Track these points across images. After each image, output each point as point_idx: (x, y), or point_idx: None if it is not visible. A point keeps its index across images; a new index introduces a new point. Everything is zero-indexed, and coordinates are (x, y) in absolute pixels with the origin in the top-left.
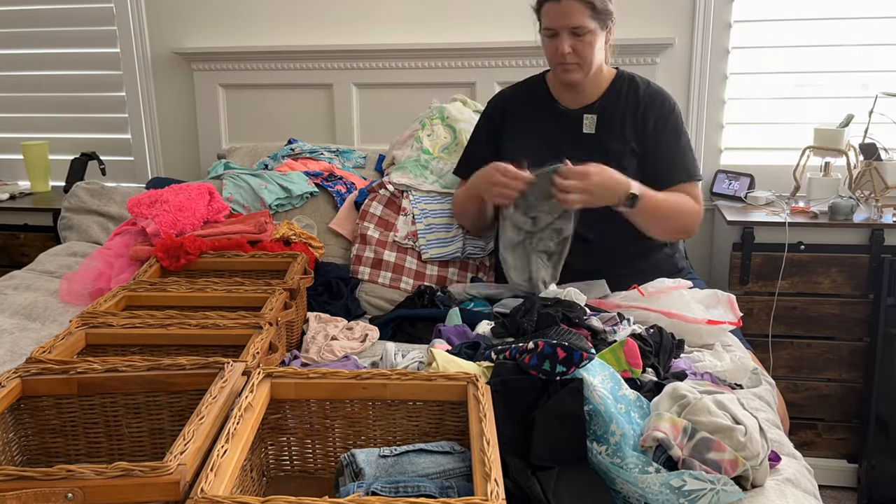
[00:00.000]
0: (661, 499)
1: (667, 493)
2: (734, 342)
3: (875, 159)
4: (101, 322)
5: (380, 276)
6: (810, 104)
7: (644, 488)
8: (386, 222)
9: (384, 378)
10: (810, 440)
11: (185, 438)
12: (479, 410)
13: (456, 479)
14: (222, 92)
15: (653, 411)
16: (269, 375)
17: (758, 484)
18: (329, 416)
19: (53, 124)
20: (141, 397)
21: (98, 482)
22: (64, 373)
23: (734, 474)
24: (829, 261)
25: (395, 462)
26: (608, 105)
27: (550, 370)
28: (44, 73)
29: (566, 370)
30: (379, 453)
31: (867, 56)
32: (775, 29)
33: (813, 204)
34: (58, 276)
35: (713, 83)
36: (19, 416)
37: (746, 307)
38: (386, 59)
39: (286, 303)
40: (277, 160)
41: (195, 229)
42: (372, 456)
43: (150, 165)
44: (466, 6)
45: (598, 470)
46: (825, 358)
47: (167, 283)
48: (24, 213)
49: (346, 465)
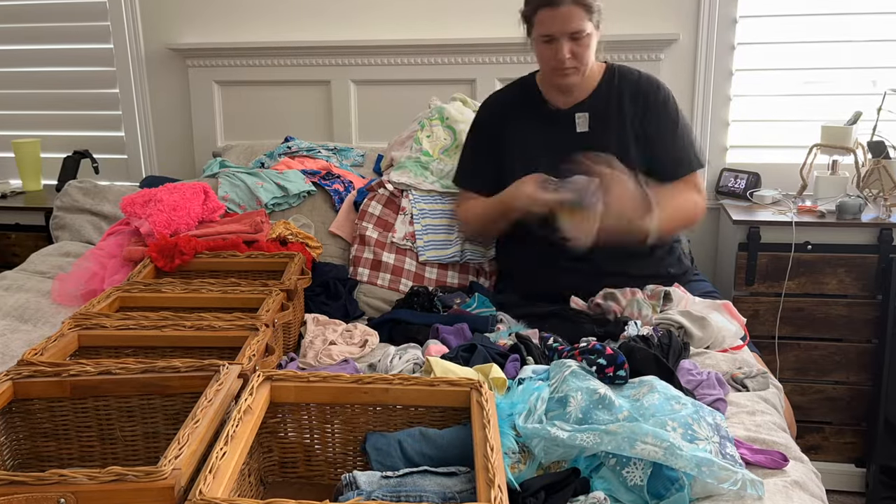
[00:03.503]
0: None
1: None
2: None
3: (884, 157)
4: (95, 323)
5: (378, 278)
6: (817, 101)
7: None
8: (385, 222)
9: (386, 383)
10: (818, 444)
11: (180, 442)
12: (482, 417)
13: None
14: (218, 89)
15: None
16: (269, 378)
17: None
18: (329, 421)
19: (45, 121)
20: (135, 400)
21: (91, 487)
22: (56, 375)
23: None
24: (837, 261)
25: (398, 483)
26: (600, 100)
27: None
28: (35, 69)
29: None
30: (381, 474)
31: (876, 52)
32: (782, 25)
33: (820, 203)
34: (50, 277)
35: (718, 80)
36: (10, 420)
37: (752, 308)
38: (385, 56)
39: (283, 304)
40: (274, 158)
41: (190, 229)
42: (374, 477)
43: (144, 164)
44: (467, 1)
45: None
46: (833, 360)
47: (161, 283)
48: (15, 212)
49: (347, 484)
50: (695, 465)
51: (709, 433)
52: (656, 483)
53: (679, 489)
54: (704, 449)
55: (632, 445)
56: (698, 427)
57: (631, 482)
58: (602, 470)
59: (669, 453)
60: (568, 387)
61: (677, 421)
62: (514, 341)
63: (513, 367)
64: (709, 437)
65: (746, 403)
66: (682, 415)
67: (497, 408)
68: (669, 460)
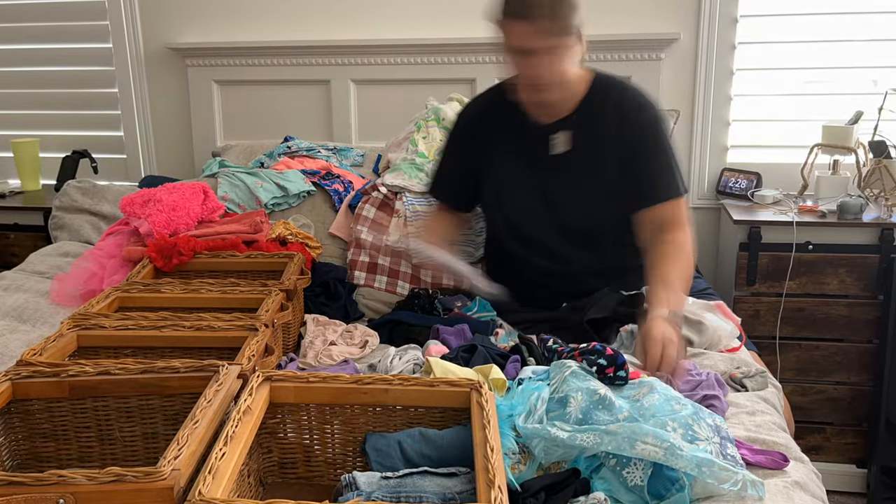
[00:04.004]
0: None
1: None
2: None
3: (885, 157)
4: (94, 324)
5: (375, 281)
6: (818, 101)
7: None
8: (379, 225)
9: (386, 383)
10: (818, 444)
11: (180, 443)
12: (482, 417)
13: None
14: (217, 88)
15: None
16: (269, 379)
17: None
18: (329, 422)
19: (44, 121)
20: (134, 401)
21: (90, 488)
22: (55, 375)
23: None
24: (838, 261)
25: (397, 484)
26: (582, 117)
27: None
28: (34, 68)
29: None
30: (381, 475)
31: (877, 52)
32: (783, 24)
33: (821, 203)
34: (49, 277)
35: (719, 79)
36: (9, 420)
37: (753, 308)
38: (385, 55)
39: (282, 304)
40: (273, 158)
41: (189, 229)
42: (374, 478)
43: (144, 163)
44: (467, 1)
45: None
46: (834, 360)
47: (161, 284)
48: (14, 212)
49: (346, 485)
50: (695, 465)
51: (709, 434)
52: (657, 483)
53: (679, 489)
54: (705, 449)
55: (632, 446)
56: (699, 427)
57: (631, 482)
58: (602, 470)
59: (670, 453)
60: (568, 387)
61: (677, 421)
62: (516, 342)
63: (513, 367)
64: (709, 438)
65: (746, 403)
66: (683, 415)
67: (497, 408)
68: (670, 461)
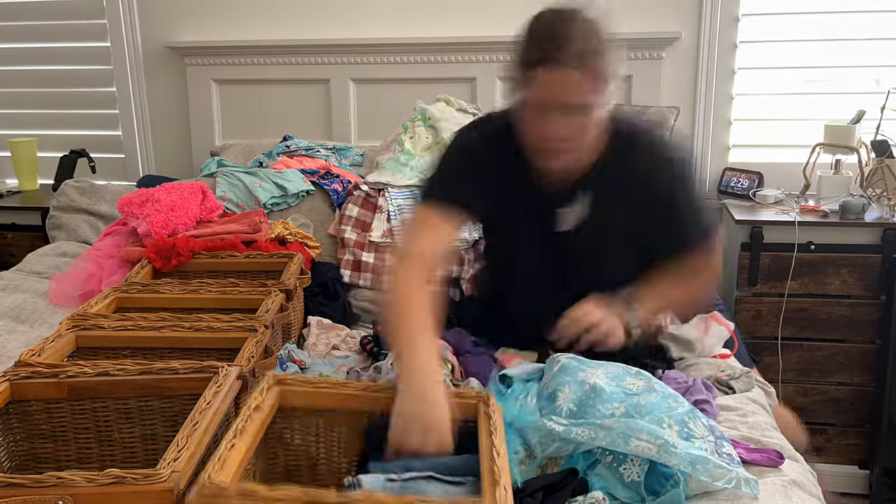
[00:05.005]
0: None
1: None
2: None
3: (887, 157)
4: (92, 324)
5: (361, 278)
6: (820, 100)
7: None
8: (363, 223)
9: (395, 390)
10: (820, 445)
11: (179, 445)
12: (489, 425)
13: None
14: (216, 87)
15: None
16: (279, 382)
17: None
18: (336, 428)
19: (42, 120)
20: (133, 402)
21: (89, 489)
22: (54, 376)
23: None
24: (840, 261)
25: (402, 487)
26: (604, 176)
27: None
28: (32, 67)
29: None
30: (385, 477)
31: (879, 51)
32: (785, 23)
33: (823, 202)
34: (47, 277)
35: (721, 78)
36: (7, 421)
37: (755, 308)
38: (385, 54)
39: (282, 304)
40: (272, 157)
41: (188, 229)
42: (378, 480)
43: (142, 163)
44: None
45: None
46: (836, 361)
47: (160, 284)
48: (11, 211)
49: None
50: (689, 462)
51: (704, 432)
52: (652, 479)
53: (674, 486)
54: (700, 447)
55: (626, 442)
56: (694, 425)
57: (628, 479)
58: (598, 467)
59: (663, 450)
60: (556, 382)
61: (673, 418)
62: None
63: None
64: (704, 436)
65: (737, 406)
66: (679, 413)
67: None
68: (663, 457)
